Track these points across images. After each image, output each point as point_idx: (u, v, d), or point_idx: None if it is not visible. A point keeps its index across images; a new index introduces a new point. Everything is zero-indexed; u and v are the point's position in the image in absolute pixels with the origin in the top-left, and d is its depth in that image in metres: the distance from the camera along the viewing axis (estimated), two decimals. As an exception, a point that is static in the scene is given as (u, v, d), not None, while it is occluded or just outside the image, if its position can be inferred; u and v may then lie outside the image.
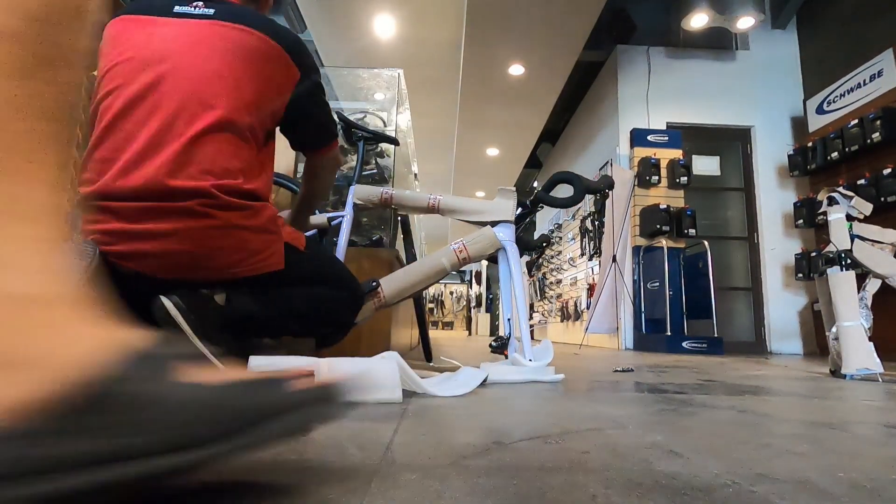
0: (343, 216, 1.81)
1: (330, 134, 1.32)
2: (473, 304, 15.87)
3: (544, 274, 8.82)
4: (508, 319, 1.71)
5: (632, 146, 5.38)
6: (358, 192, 1.79)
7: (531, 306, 10.85)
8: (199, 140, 0.96)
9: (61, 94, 0.40)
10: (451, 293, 16.77)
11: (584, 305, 6.40)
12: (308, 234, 1.97)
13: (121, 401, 0.36)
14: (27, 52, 0.37)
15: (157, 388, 0.38)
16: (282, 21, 6.65)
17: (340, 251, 1.73)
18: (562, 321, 7.56)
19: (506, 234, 1.68)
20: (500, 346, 1.67)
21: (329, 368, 1.01)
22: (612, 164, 5.27)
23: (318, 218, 1.91)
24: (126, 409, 0.36)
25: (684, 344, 4.33)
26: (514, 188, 1.73)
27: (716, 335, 4.47)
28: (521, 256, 1.79)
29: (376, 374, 1.03)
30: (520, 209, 1.74)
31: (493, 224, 1.69)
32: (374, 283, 1.58)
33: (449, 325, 16.79)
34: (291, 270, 1.09)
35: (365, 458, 0.57)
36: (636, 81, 5.56)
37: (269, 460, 0.55)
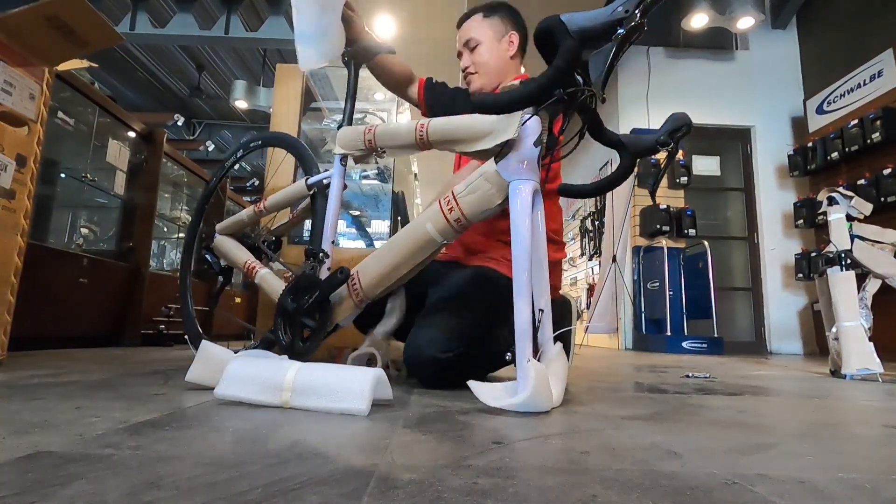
0: (329, 176, 1.42)
1: None
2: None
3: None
4: (541, 310, 1.10)
5: (631, 146, 5.38)
6: (340, 139, 1.40)
7: (531, 306, 10.81)
8: None
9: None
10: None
11: (583, 305, 6.40)
12: (301, 205, 1.60)
13: None
14: None
15: None
16: (281, 21, 6.65)
17: (330, 220, 1.37)
18: (562, 321, 7.55)
19: (517, 169, 1.04)
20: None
21: (296, 373, 0.92)
22: (612, 165, 5.27)
23: (295, 188, 1.52)
24: None
25: (684, 344, 4.33)
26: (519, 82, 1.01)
27: (716, 335, 4.47)
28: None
29: (343, 383, 0.91)
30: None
31: (499, 155, 1.07)
32: (341, 274, 1.24)
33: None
34: None
35: (364, 459, 0.57)
36: (636, 81, 5.56)
37: (269, 460, 0.55)
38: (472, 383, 1.01)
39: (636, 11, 0.82)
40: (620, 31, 0.83)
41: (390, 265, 1.23)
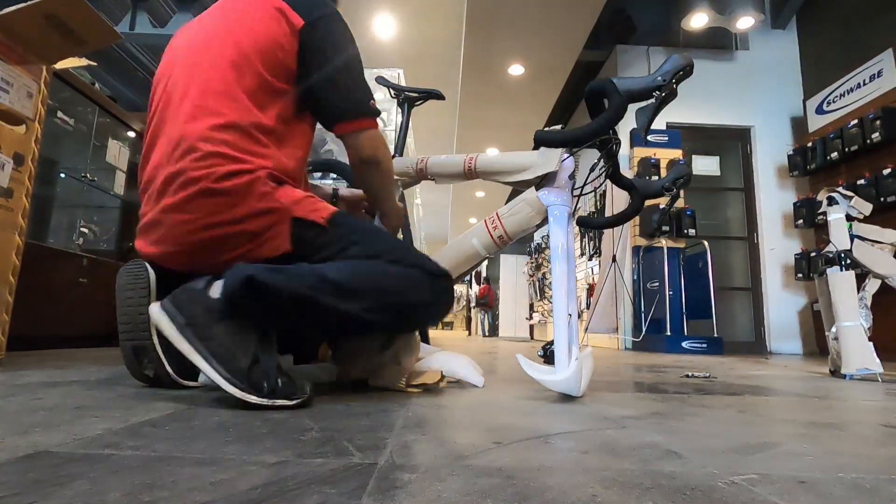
0: None
1: (352, 103, 1.07)
2: (473, 304, 15.89)
3: (544, 274, 8.82)
4: (570, 315, 1.17)
5: (631, 146, 5.38)
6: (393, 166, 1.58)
7: (530, 306, 10.84)
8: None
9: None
10: (451, 293, 16.75)
11: (583, 305, 6.40)
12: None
13: None
14: None
15: None
16: (282, 21, 6.64)
17: None
18: (562, 321, 7.55)
19: (555, 197, 1.24)
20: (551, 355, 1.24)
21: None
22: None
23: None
24: None
25: (684, 344, 4.33)
26: (559, 126, 1.36)
27: (715, 335, 4.47)
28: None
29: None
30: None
31: (539, 185, 1.27)
32: None
33: (448, 325, 16.82)
34: (308, 250, 0.96)
35: (364, 458, 0.57)
36: (636, 81, 5.55)
37: (269, 459, 0.55)
38: (520, 357, 1.16)
39: (672, 80, 1.10)
40: (657, 93, 1.09)
41: None
